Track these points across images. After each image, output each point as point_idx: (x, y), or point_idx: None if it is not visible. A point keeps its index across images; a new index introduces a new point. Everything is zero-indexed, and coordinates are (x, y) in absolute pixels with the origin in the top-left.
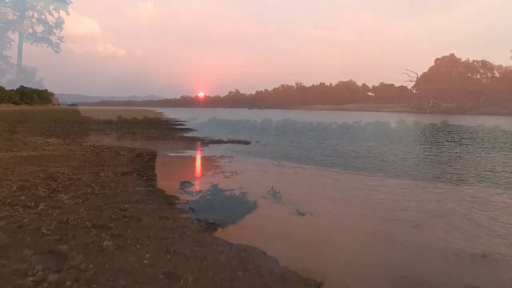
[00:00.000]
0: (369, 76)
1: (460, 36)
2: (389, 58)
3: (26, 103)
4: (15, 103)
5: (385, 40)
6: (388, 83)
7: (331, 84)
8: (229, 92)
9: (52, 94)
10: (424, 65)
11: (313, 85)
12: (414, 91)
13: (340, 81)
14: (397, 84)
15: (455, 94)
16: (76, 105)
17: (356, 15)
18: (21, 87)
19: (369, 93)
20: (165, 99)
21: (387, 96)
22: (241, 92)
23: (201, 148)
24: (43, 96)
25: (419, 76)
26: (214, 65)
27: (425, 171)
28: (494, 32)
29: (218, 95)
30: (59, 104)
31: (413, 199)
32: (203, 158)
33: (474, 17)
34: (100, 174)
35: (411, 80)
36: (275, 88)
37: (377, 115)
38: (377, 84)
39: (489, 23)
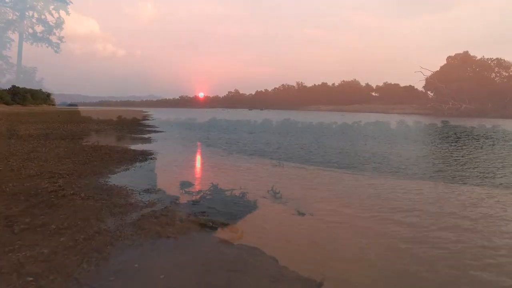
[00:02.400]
0: (370, 76)
1: (462, 35)
2: (391, 58)
3: (18, 104)
4: (6, 104)
5: (386, 39)
6: (392, 83)
7: (333, 84)
8: (228, 92)
9: (49, 94)
10: (428, 64)
11: (314, 84)
12: (426, 91)
13: (343, 81)
14: (401, 84)
15: (473, 94)
16: (76, 105)
17: (356, 15)
18: (13, 86)
19: (373, 93)
20: (163, 99)
21: (393, 97)
22: (241, 92)
23: None
24: (37, 96)
25: (430, 75)
26: (214, 65)
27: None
28: (496, 31)
29: (217, 95)
30: (54, 105)
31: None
32: None
33: (475, 17)
34: None
35: (425, 79)
36: (275, 88)
37: (391, 117)
38: (380, 84)
39: (491, 23)
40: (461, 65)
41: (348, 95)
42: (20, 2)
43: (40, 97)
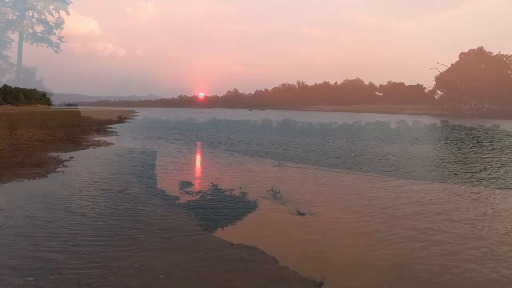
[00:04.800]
0: (372, 76)
1: (465, 34)
2: (393, 58)
3: (10, 104)
4: None
5: (388, 39)
6: (396, 82)
7: (336, 83)
8: (227, 91)
9: (44, 94)
10: (431, 63)
11: (316, 83)
12: (436, 90)
13: (346, 80)
14: (406, 83)
15: (493, 93)
16: (76, 105)
17: (356, 15)
18: (4, 86)
19: (377, 93)
20: (162, 99)
21: (399, 96)
22: (240, 92)
23: None
24: (31, 96)
25: (443, 72)
26: (214, 65)
27: None
28: (498, 30)
29: (216, 95)
30: (50, 104)
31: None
32: None
33: (479, 16)
34: None
35: (435, 78)
36: (275, 87)
37: (408, 119)
38: (383, 83)
39: (494, 21)
40: (475, 62)
41: (351, 95)
42: (20, 2)
43: (34, 96)
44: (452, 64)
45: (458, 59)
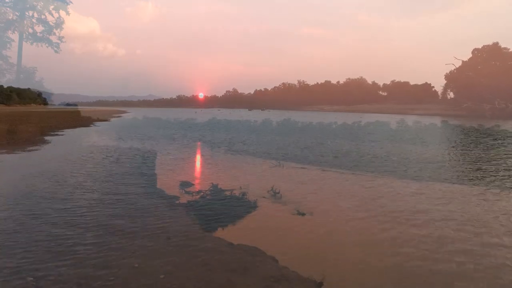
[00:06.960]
0: (372, 75)
1: (465, 35)
2: (393, 58)
3: (2, 104)
4: None
5: (388, 39)
6: (401, 81)
7: (338, 82)
8: (226, 91)
9: (40, 94)
10: (435, 63)
11: (317, 83)
12: (446, 89)
13: (349, 79)
14: (411, 83)
15: (510, 91)
16: (76, 105)
17: (356, 15)
18: None
19: (380, 92)
20: (161, 99)
21: (405, 96)
22: (239, 91)
23: None
24: (25, 96)
25: (455, 69)
26: (213, 64)
27: None
28: (498, 30)
29: (215, 95)
30: (46, 104)
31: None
32: None
33: (478, 17)
34: None
35: (445, 76)
36: (275, 87)
37: (428, 120)
38: (387, 82)
39: (492, 23)
40: (489, 59)
41: (353, 95)
42: (20, 2)
43: (29, 96)
44: (463, 61)
45: (459, 59)
